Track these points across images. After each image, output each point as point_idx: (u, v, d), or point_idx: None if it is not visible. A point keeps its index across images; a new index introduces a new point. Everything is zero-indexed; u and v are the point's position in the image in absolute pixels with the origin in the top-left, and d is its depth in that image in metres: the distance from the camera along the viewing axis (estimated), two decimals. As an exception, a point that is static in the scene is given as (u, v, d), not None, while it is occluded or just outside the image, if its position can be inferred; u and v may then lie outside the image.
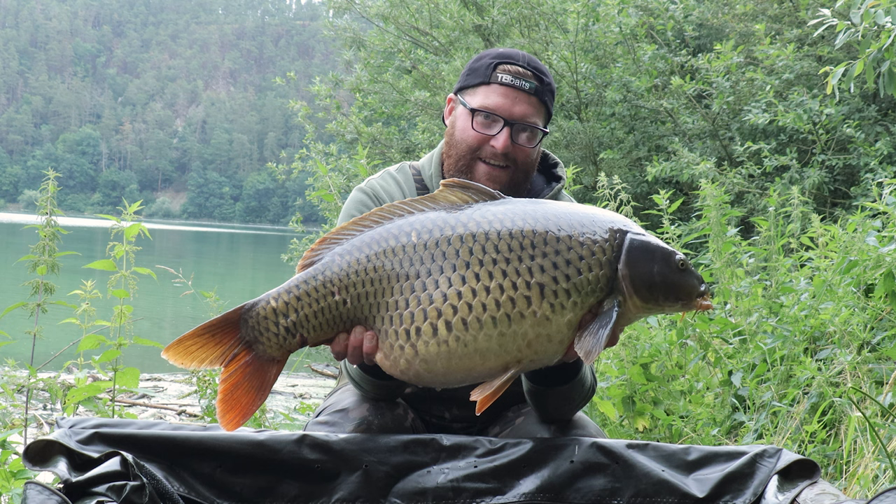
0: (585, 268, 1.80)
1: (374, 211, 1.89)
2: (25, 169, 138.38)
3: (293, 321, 1.86)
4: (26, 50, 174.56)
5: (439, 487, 1.86)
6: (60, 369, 4.21)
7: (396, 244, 1.82)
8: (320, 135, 13.99)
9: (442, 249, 1.80)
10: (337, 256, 1.86)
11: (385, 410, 2.20)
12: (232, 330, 1.88)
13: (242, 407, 1.86)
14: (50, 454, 1.68)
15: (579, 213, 1.86)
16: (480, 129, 2.22)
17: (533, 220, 1.82)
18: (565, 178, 2.41)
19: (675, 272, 1.83)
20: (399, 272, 1.81)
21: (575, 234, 1.81)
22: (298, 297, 1.86)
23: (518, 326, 1.77)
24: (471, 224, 1.81)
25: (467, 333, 1.77)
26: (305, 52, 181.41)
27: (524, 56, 2.26)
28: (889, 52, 4.22)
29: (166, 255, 31.85)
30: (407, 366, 1.82)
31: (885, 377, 3.64)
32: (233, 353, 1.88)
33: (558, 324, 1.79)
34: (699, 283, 1.85)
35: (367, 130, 13.51)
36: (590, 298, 1.80)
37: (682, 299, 1.84)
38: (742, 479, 1.85)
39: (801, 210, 5.72)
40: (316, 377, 9.27)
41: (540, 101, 2.24)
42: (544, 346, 1.80)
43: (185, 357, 1.87)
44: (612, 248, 1.82)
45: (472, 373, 1.82)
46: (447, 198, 1.87)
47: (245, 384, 1.87)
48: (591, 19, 11.15)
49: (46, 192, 4.03)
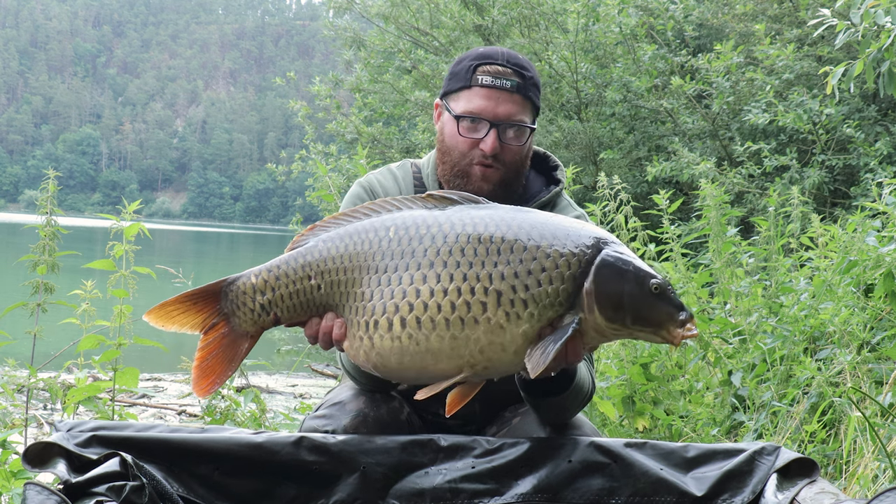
0: (546, 280, 1.76)
1: (366, 203, 1.93)
2: (25, 169, 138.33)
3: (269, 299, 1.92)
4: (26, 50, 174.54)
5: (437, 488, 1.86)
6: (60, 369, 4.22)
7: (374, 237, 1.86)
8: (320, 135, 13.99)
9: (412, 247, 1.82)
10: (320, 242, 1.91)
11: (381, 403, 2.21)
12: (213, 300, 1.96)
13: (215, 376, 1.94)
14: (49, 456, 1.68)
15: (558, 224, 1.83)
16: (467, 134, 2.21)
17: (506, 226, 1.80)
18: (565, 181, 2.39)
19: (646, 296, 1.75)
20: (371, 265, 1.84)
21: (543, 245, 1.78)
22: (277, 276, 1.92)
23: (471, 331, 1.76)
24: (445, 225, 1.82)
25: (420, 332, 1.78)
26: (305, 52, 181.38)
27: (503, 53, 2.23)
28: (889, 52, 4.22)
29: (166, 255, 31.85)
30: (365, 357, 1.86)
31: (885, 377, 3.64)
32: (211, 323, 1.96)
33: (512, 333, 1.76)
34: (677, 312, 1.76)
35: (367, 130, 13.51)
36: (548, 312, 1.77)
37: (653, 325, 1.77)
38: (741, 477, 1.84)
39: (801, 210, 5.72)
40: (316, 377, 9.27)
41: (524, 98, 2.21)
42: (498, 354, 1.78)
43: (167, 320, 1.95)
44: (580, 263, 1.77)
45: (425, 372, 1.82)
46: (436, 199, 1.89)
47: (219, 355, 1.95)
48: (592, 19, 11.16)
49: (46, 191, 4.03)
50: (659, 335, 1.78)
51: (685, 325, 1.77)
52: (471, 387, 1.85)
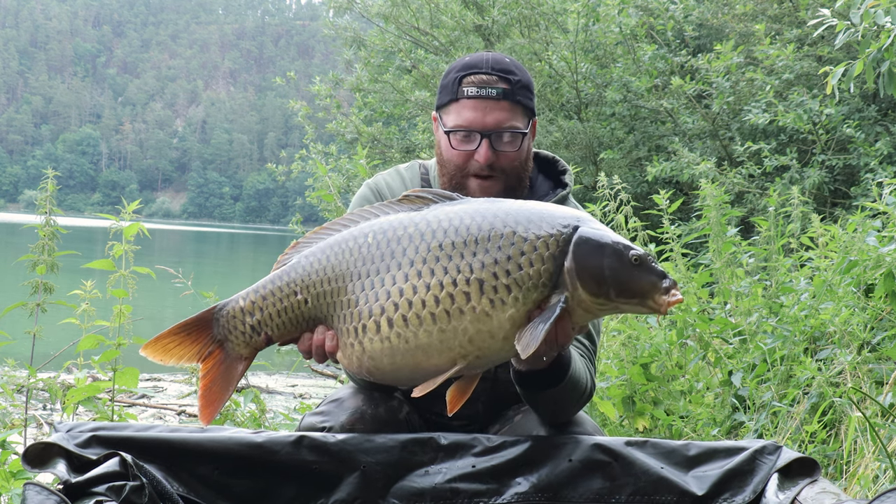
0: (527, 263, 1.78)
1: (345, 215, 1.97)
2: (25, 169, 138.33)
3: (258, 320, 1.95)
4: (26, 50, 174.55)
5: (437, 488, 1.86)
6: (60, 369, 4.21)
7: (354, 245, 1.89)
8: (320, 135, 13.99)
9: (392, 249, 1.84)
10: (302, 258, 1.95)
11: (379, 401, 2.22)
12: (206, 328, 1.98)
13: (217, 402, 1.97)
14: (49, 456, 1.68)
15: (532, 209, 1.85)
16: (460, 147, 2.22)
17: (481, 217, 1.83)
18: (572, 185, 2.38)
19: (627, 267, 1.77)
20: (353, 272, 1.87)
21: (519, 230, 1.80)
22: (264, 296, 1.95)
23: (458, 322, 1.78)
24: (421, 224, 1.85)
25: (408, 330, 1.80)
26: (305, 52, 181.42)
27: (488, 60, 2.22)
28: (889, 52, 4.22)
29: (166, 255, 31.85)
30: (358, 363, 1.87)
31: (885, 377, 3.64)
32: (208, 351, 1.98)
33: (499, 319, 1.78)
34: (659, 279, 1.77)
35: (368, 130, 13.51)
36: (532, 294, 1.78)
37: (637, 296, 1.78)
38: (742, 476, 1.84)
39: (801, 210, 5.72)
40: (316, 377, 9.27)
41: (513, 103, 2.20)
42: (487, 342, 1.80)
43: (164, 354, 1.96)
44: (558, 243, 1.79)
45: (419, 370, 1.84)
46: (412, 201, 1.92)
47: (219, 381, 1.97)
48: (592, 19, 11.16)
49: (45, 191, 4.03)
50: (645, 305, 1.79)
51: (669, 291, 1.78)
52: (468, 381, 1.87)
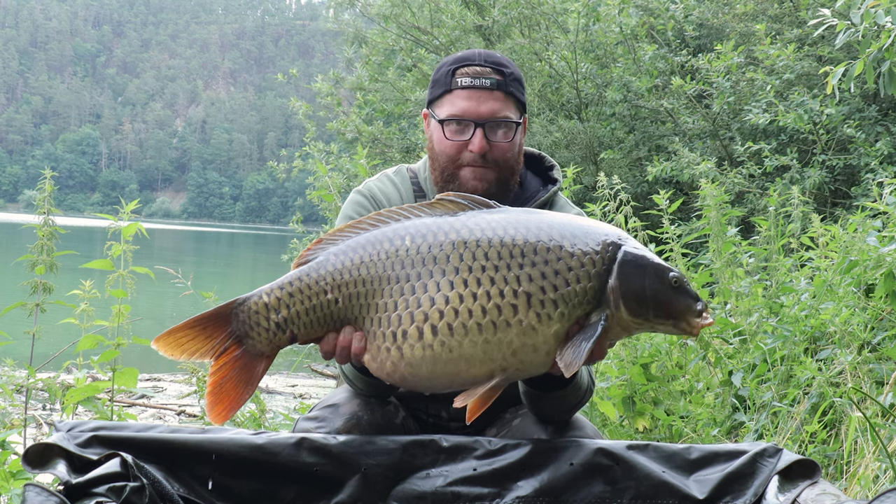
0: (574, 279, 1.78)
1: (371, 214, 1.91)
2: (25, 169, 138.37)
3: (284, 317, 1.87)
4: (26, 50, 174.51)
5: (438, 491, 1.85)
6: (59, 369, 4.20)
7: (390, 247, 1.83)
8: (320, 134, 13.98)
9: (433, 254, 1.80)
10: (332, 256, 1.87)
11: (375, 407, 2.20)
12: (223, 323, 1.89)
13: (230, 401, 1.88)
14: (49, 457, 1.67)
15: (574, 224, 1.85)
16: (454, 137, 2.22)
17: (525, 229, 1.81)
18: (561, 180, 2.40)
19: (667, 289, 1.80)
20: (391, 275, 1.82)
21: (566, 245, 1.80)
22: (291, 293, 1.87)
23: (503, 334, 1.77)
24: (463, 231, 1.82)
25: (452, 339, 1.77)
26: (305, 52, 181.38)
27: (480, 53, 2.25)
28: (889, 52, 4.22)
29: (166, 255, 31.84)
30: (393, 368, 1.83)
31: (886, 377, 3.64)
32: (223, 347, 1.89)
33: (544, 334, 1.78)
34: (694, 303, 1.82)
35: (368, 129, 13.50)
36: (577, 310, 1.79)
37: (673, 317, 1.81)
38: (742, 479, 1.84)
39: (802, 210, 5.72)
40: (316, 377, 9.27)
41: (506, 94, 2.22)
42: (530, 356, 1.79)
43: (176, 349, 1.87)
44: (604, 261, 1.80)
45: (457, 379, 1.82)
46: (445, 205, 1.88)
47: (234, 378, 1.88)
48: (592, 19, 11.16)
49: (44, 191, 4.02)
50: (678, 327, 1.83)
51: (702, 314, 1.82)
52: (495, 390, 1.85)
